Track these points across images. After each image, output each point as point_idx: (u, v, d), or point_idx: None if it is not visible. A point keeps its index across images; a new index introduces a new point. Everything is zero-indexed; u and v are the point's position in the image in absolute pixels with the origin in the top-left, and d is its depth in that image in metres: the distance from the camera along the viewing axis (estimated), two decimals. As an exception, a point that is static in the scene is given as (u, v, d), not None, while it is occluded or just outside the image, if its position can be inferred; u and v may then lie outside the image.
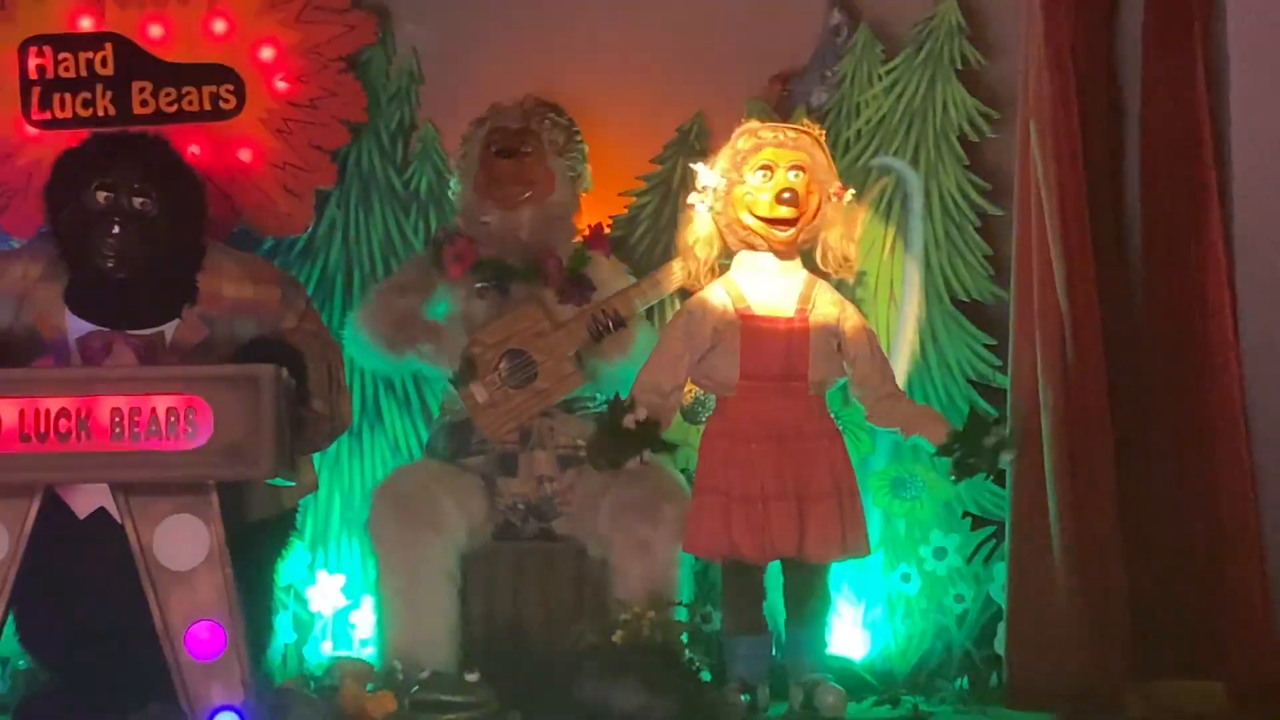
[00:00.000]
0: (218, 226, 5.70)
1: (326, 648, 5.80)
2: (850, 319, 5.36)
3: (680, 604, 5.17)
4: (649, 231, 5.98)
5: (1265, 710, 5.02)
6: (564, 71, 6.02)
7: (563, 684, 4.95)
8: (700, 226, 5.39)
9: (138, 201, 5.12)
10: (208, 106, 5.97)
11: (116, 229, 5.08)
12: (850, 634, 5.69)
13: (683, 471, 5.48)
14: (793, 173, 5.29)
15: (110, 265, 5.10)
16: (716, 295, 5.34)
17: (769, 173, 5.30)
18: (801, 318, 5.28)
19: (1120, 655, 5.21)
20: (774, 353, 5.26)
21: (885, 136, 5.87)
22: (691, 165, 5.51)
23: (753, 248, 5.36)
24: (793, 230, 5.30)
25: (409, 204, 6.11)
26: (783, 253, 5.34)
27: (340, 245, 6.10)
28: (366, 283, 6.01)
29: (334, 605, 5.85)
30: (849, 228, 5.39)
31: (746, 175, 5.32)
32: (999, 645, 5.46)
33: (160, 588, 4.63)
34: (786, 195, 5.26)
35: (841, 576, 5.61)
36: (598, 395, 5.57)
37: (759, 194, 5.30)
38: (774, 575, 5.35)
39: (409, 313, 5.60)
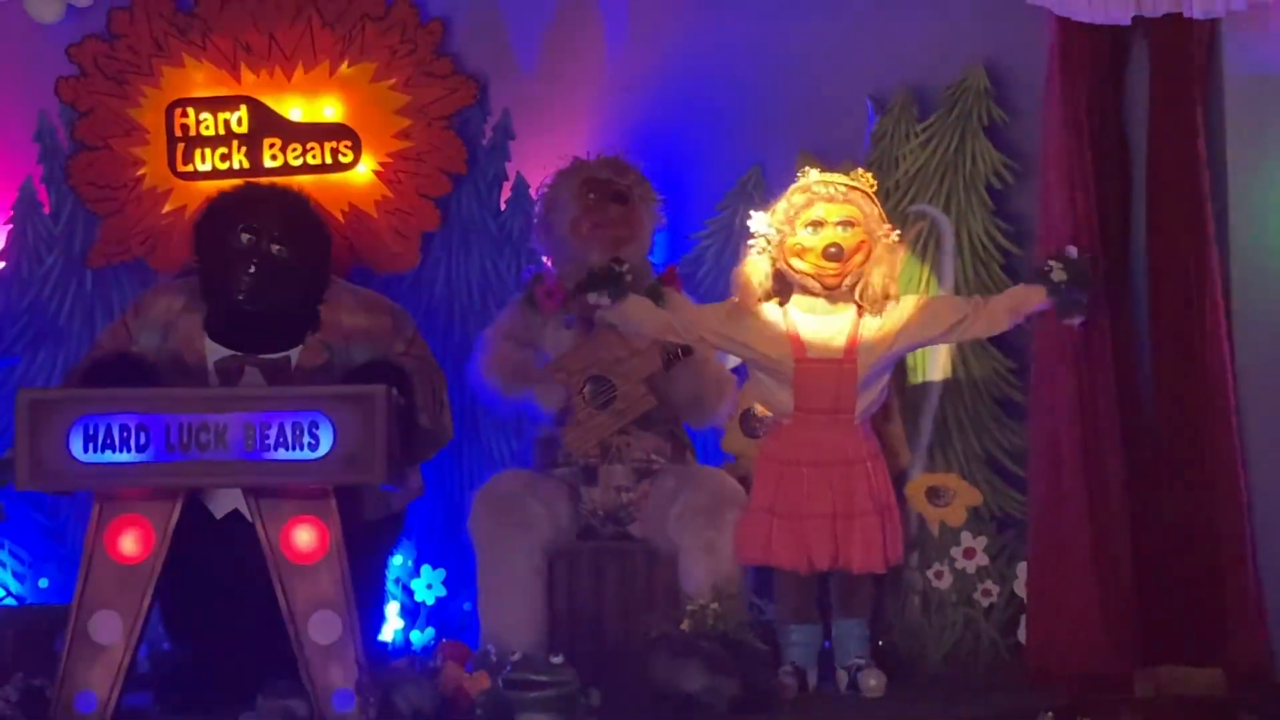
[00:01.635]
0: (337, 264, 5.78)
1: (429, 633, 5.80)
2: (900, 319, 5.27)
3: (741, 598, 5.16)
4: (712, 269, 5.99)
5: (1257, 693, 5.01)
6: (638, 128, 6.05)
7: (636, 666, 4.92)
8: (754, 266, 5.35)
9: (275, 248, 5.22)
10: (329, 160, 6.07)
11: (253, 269, 5.19)
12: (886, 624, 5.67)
13: (743, 479, 5.46)
14: (841, 227, 5.25)
15: (242, 299, 5.20)
16: (773, 316, 5.31)
17: (818, 228, 5.26)
18: (850, 358, 5.24)
19: (1129, 644, 5.21)
20: (824, 390, 5.25)
21: (921, 186, 5.87)
22: (749, 214, 5.50)
23: (806, 290, 5.33)
24: (837, 274, 5.29)
25: (503, 245, 6.13)
26: (833, 293, 5.30)
27: (443, 281, 6.15)
28: (466, 314, 6.06)
29: (436, 596, 5.87)
30: (892, 268, 5.34)
31: (798, 229, 5.27)
32: (1021, 634, 5.47)
33: (286, 580, 4.74)
34: (832, 250, 5.22)
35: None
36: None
37: (807, 247, 5.27)
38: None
39: (522, 364, 5.54)
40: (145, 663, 5.29)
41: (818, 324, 5.30)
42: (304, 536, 4.77)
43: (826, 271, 5.26)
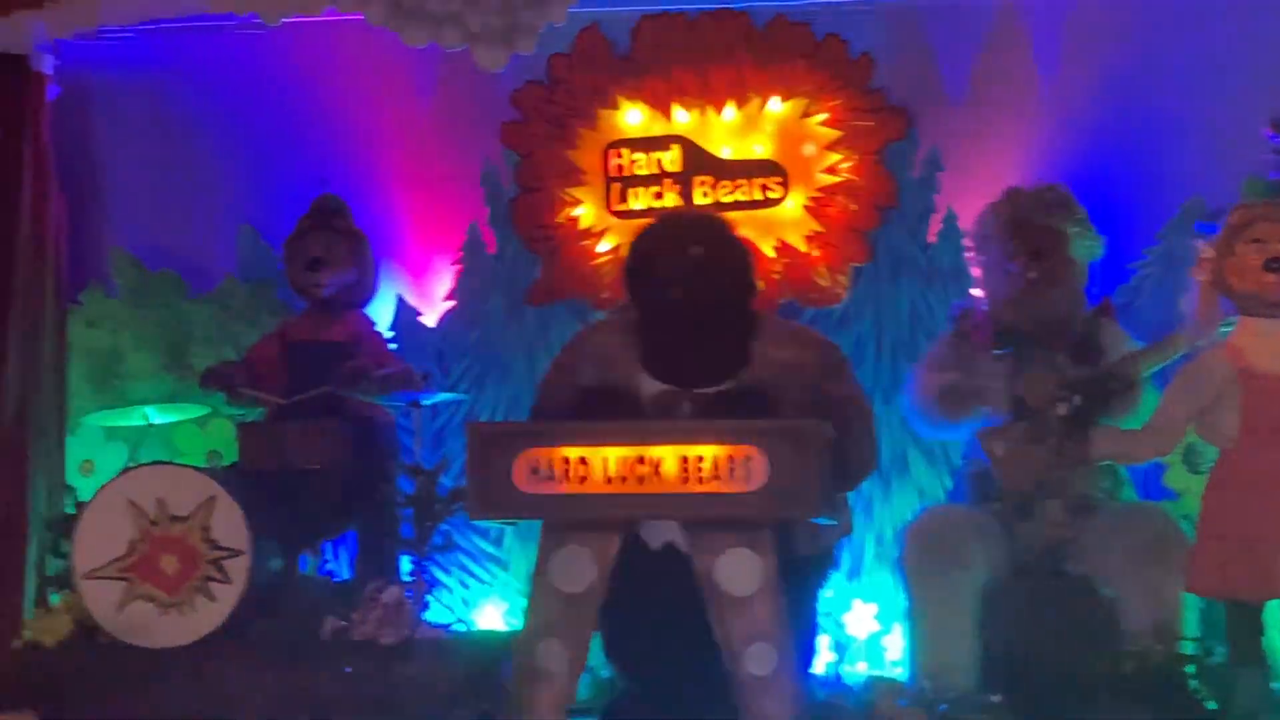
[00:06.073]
0: (766, 298, 5.70)
1: (862, 667, 5.71)
2: None
3: (1187, 639, 4.89)
4: (1150, 299, 5.80)
5: None
6: (1072, 157, 5.89)
7: (1076, 708, 4.73)
8: (1204, 297, 5.12)
9: (694, 249, 5.02)
10: (758, 196, 6.05)
11: (678, 269, 4.97)
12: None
13: (1185, 518, 5.19)
14: None
15: (670, 293, 4.97)
16: (1217, 357, 5.02)
17: (1260, 245, 5.00)
18: None
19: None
20: (1275, 408, 4.92)
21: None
22: (1194, 242, 5.30)
23: (1248, 313, 5.03)
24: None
25: (932, 278, 6.04)
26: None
27: (872, 314, 6.06)
28: (896, 349, 5.97)
29: (868, 630, 5.81)
30: None
31: (1237, 247, 5.03)
32: None
33: (722, 611, 4.56)
34: (1274, 265, 4.96)
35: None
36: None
37: (1248, 262, 5.00)
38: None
39: (952, 386, 5.39)
40: (587, 690, 5.30)
41: (1266, 345, 5.00)
42: (740, 569, 4.59)
43: (1268, 285, 4.96)
